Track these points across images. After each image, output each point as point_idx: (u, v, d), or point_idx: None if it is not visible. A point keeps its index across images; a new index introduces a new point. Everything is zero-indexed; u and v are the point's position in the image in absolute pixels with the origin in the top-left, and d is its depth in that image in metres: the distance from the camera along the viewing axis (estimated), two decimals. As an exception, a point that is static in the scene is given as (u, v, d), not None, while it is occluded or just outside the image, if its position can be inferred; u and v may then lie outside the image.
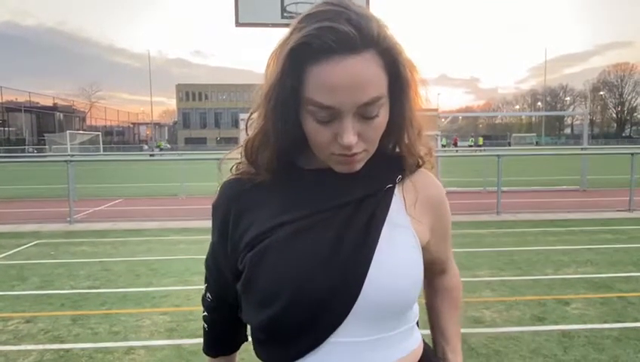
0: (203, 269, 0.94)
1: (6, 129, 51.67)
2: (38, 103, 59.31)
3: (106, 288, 4.50)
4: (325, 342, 0.72)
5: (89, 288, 4.50)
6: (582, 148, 12.59)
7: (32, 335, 3.43)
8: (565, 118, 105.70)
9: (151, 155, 29.76)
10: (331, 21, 0.66)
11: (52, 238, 6.90)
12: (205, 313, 0.95)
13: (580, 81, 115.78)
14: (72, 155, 15.48)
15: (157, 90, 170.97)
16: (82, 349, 3.17)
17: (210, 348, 0.96)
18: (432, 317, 1.01)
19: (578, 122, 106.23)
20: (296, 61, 0.68)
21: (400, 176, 0.81)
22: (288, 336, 0.73)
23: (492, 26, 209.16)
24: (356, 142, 0.70)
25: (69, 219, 8.16)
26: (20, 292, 4.44)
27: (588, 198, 10.90)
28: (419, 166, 0.84)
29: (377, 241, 0.74)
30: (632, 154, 9.01)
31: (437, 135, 13.13)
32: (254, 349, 0.81)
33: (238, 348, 0.97)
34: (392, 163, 0.82)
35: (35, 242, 6.63)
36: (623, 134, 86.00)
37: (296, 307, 0.71)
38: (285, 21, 6.11)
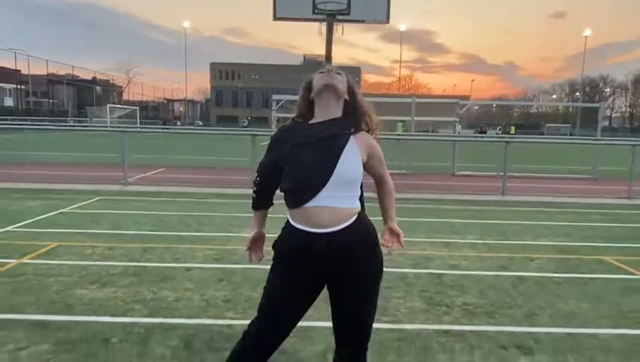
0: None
1: (50, 101, 54.32)
2: (78, 77, 61.69)
3: (165, 231, 5.66)
4: (318, 194, 1.74)
5: (150, 231, 5.67)
6: (594, 140, 13.15)
7: (115, 256, 4.60)
8: (604, 110, 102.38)
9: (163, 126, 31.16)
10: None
11: (112, 196, 8.16)
12: (255, 188, 2.00)
13: (623, 72, 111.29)
14: (127, 127, 16.86)
15: (190, 67, 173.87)
16: (154, 266, 4.31)
17: (256, 206, 2.03)
18: (381, 206, 2.03)
19: (618, 114, 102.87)
20: (310, 81, 1.86)
21: (353, 129, 1.86)
22: (301, 190, 1.76)
23: (533, 12, 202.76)
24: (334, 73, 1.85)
25: (123, 181, 9.43)
26: (98, 231, 5.65)
27: (596, 186, 11.57)
28: (366, 128, 1.90)
29: (341, 153, 1.77)
30: (633, 145, 9.64)
31: (455, 121, 13.92)
32: (286, 201, 1.84)
33: (269, 207, 2.03)
34: (349, 124, 1.87)
35: (98, 198, 7.89)
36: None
37: (305, 176, 1.75)
38: (315, 16, 7.07)
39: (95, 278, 3.98)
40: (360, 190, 1.86)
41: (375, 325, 1.93)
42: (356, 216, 1.82)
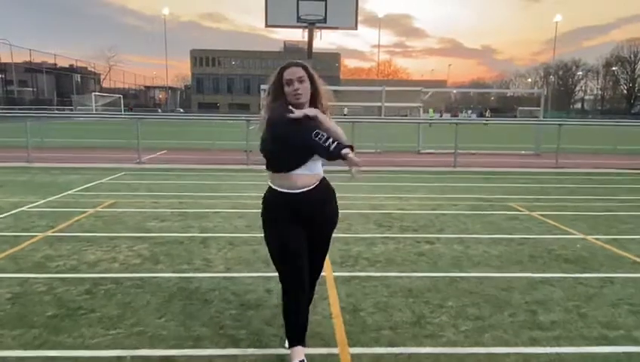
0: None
1: (32, 89, 54.65)
2: (56, 65, 61.75)
3: (188, 192, 7.52)
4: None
5: (178, 192, 7.53)
6: (538, 121, 15.32)
7: (161, 206, 6.45)
8: (575, 93, 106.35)
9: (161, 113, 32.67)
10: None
11: (134, 171, 9.94)
12: None
13: (597, 55, 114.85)
14: (141, 115, 18.42)
15: (169, 54, 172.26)
16: (191, 211, 6.19)
17: None
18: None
19: (591, 97, 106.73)
20: (280, 72, 3.23)
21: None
22: (276, 163, 3.38)
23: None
24: (297, 87, 3.19)
25: (137, 160, 11.20)
26: (139, 193, 7.47)
27: (536, 160, 13.73)
28: (322, 109, 3.71)
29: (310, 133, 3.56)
30: (560, 125, 11.78)
31: (419, 106, 15.92)
32: (267, 167, 3.64)
33: None
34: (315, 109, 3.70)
35: (124, 173, 9.66)
36: (633, 111, 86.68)
37: (281, 152, 3.32)
38: (299, 24, 8.93)
39: (154, 217, 5.84)
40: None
41: (341, 235, 3.80)
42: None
